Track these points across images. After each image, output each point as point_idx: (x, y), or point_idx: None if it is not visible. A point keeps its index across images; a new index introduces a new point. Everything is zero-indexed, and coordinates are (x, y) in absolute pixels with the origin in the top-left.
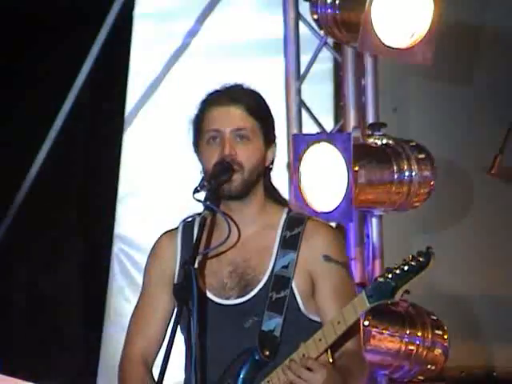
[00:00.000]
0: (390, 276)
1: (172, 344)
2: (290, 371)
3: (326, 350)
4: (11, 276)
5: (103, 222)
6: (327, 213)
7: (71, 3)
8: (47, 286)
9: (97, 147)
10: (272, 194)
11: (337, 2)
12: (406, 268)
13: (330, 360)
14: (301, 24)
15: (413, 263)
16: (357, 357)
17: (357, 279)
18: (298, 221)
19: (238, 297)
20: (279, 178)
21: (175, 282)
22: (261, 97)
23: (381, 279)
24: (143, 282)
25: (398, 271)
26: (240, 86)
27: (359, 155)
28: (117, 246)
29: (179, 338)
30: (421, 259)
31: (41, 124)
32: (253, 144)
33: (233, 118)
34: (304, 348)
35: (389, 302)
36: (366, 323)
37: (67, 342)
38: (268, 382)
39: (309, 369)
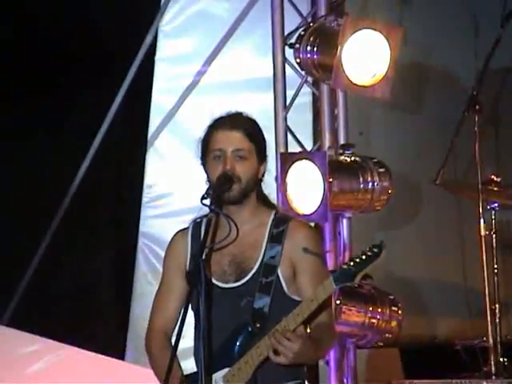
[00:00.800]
0: (351, 264)
1: (185, 319)
2: (274, 339)
3: (303, 323)
4: (61, 265)
5: (131, 222)
6: (308, 215)
7: (106, 49)
8: (88, 273)
9: (126, 163)
10: (263, 199)
11: (314, 49)
12: (363, 257)
13: (308, 330)
14: (287, 66)
15: (369, 253)
16: (328, 328)
17: (331, 267)
18: (283, 220)
19: (235, 281)
20: (270, 187)
21: (187, 270)
22: (256, 123)
23: (344, 266)
24: (162, 271)
25: (357, 260)
26: (240, 114)
27: (333, 169)
28: (141, 241)
29: (190, 315)
30: (375, 250)
31: (82, 145)
32: (249, 162)
33: (233, 140)
34: (285, 321)
35: (350, 284)
36: (338, 302)
37: (103, 317)
38: (258, 347)
39: (288, 339)
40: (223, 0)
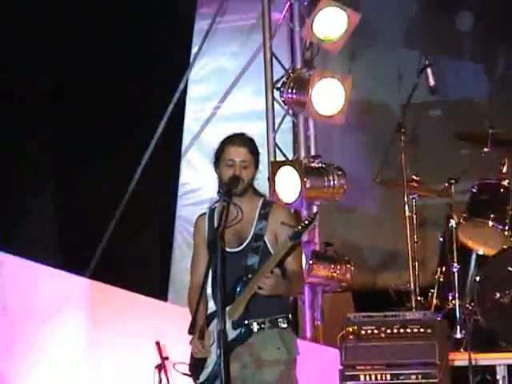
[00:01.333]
0: (299, 227)
1: (208, 275)
2: (257, 279)
3: (277, 265)
4: (127, 239)
5: (171, 210)
6: (290, 203)
7: (151, 92)
8: (144, 244)
9: (167, 167)
10: (255, 191)
11: (293, 91)
12: (306, 222)
13: (280, 273)
14: (275, 103)
15: (308, 221)
16: (297, 274)
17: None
18: (268, 204)
19: (237, 247)
20: (264, 185)
21: (207, 240)
22: (254, 142)
23: (295, 229)
24: (193, 244)
25: (302, 224)
26: (243, 134)
27: (306, 172)
28: (178, 223)
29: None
30: (311, 218)
31: (136, 156)
32: (249, 169)
33: (241, 154)
34: (264, 267)
35: (298, 240)
36: (311, 262)
37: (154, 276)
38: (249, 287)
39: (266, 277)
40: (232, 59)
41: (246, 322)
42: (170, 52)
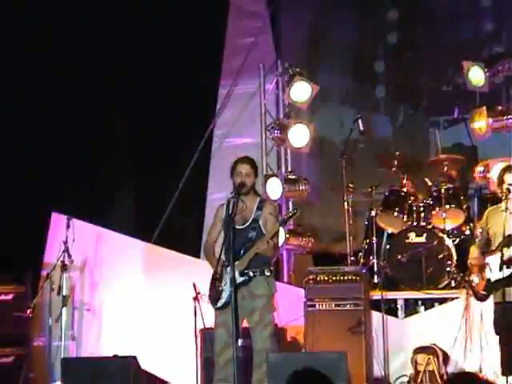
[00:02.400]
0: (285, 217)
1: (223, 245)
2: (257, 246)
3: (271, 238)
4: (184, 214)
5: (202, 201)
6: (275, 200)
7: (190, 132)
8: (187, 222)
9: (200, 173)
10: (255, 192)
11: (278, 132)
12: (290, 214)
13: (272, 244)
14: (268, 139)
15: (292, 213)
16: (274, 245)
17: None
18: (263, 201)
19: (242, 225)
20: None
21: (223, 220)
22: (254, 161)
23: (284, 218)
24: (213, 221)
25: (288, 215)
26: (247, 157)
27: (285, 181)
28: (207, 210)
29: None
30: (294, 211)
31: (185, 168)
32: (251, 178)
33: (245, 168)
34: (262, 239)
35: (285, 225)
36: (287, 236)
37: (193, 237)
38: (250, 251)
39: (261, 243)
40: (236, 111)
41: (247, 271)
42: (202, 108)
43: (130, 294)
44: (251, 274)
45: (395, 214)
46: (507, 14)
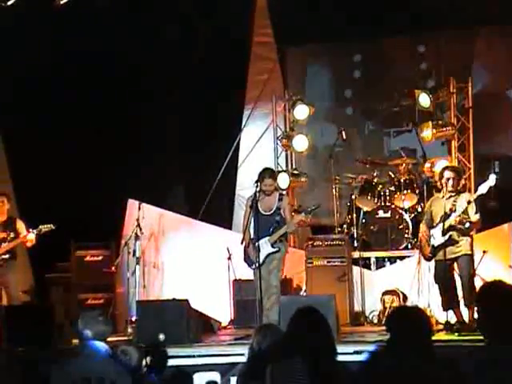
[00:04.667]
0: (309, 209)
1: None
2: (287, 226)
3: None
4: (216, 204)
5: (232, 193)
6: (283, 189)
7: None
8: (224, 204)
9: (230, 170)
10: (276, 189)
11: (285, 140)
12: (313, 207)
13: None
14: (278, 146)
15: (315, 206)
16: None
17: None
18: (281, 194)
19: (269, 212)
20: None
21: (252, 208)
22: (274, 171)
23: (308, 209)
24: (245, 209)
25: (311, 208)
26: (271, 172)
27: (291, 175)
28: (237, 199)
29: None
30: (317, 205)
31: (217, 168)
32: (273, 185)
33: (269, 182)
34: (289, 222)
35: (308, 215)
36: (293, 214)
37: (226, 220)
38: (279, 230)
39: (292, 224)
40: (260, 126)
41: (277, 243)
42: (233, 124)
43: (183, 255)
44: (279, 244)
45: (368, 197)
46: (437, 57)
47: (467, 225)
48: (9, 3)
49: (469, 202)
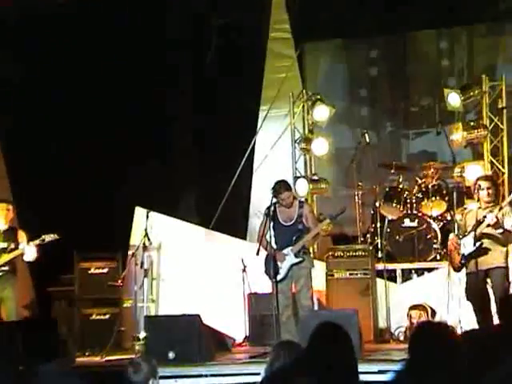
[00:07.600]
0: (334, 214)
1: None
2: (310, 235)
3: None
4: (235, 209)
5: (249, 199)
6: (302, 196)
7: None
8: (238, 214)
9: (245, 177)
10: (295, 198)
11: (304, 144)
12: (339, 212)
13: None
14: (296, 149)
15: (341, 211)
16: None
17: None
18: (301, 202)
19: (290, 222)
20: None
21: (270, 219)
22: (289, 184)
23: (333, 214)
24: (263, 218)
25: (337, 213)
26: (287, 185)
27: (311, 181)
28: (251, 208)
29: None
30: (341, 210)
31: (231, 174)
32: (291, 197)
33: (287, 195)
34: (312, 230)
35: (333, 220)
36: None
37: (241, 230)
38: (301, 240)
39: (314, 235)
40: (277, 129)
41: (301, 253)
42: (248, 126)
43: (194, 267)
44: (302, 255)
45: (394, 204)
46: (457, 54)
47: (500, 230)
48: None
49: (501, 208)
